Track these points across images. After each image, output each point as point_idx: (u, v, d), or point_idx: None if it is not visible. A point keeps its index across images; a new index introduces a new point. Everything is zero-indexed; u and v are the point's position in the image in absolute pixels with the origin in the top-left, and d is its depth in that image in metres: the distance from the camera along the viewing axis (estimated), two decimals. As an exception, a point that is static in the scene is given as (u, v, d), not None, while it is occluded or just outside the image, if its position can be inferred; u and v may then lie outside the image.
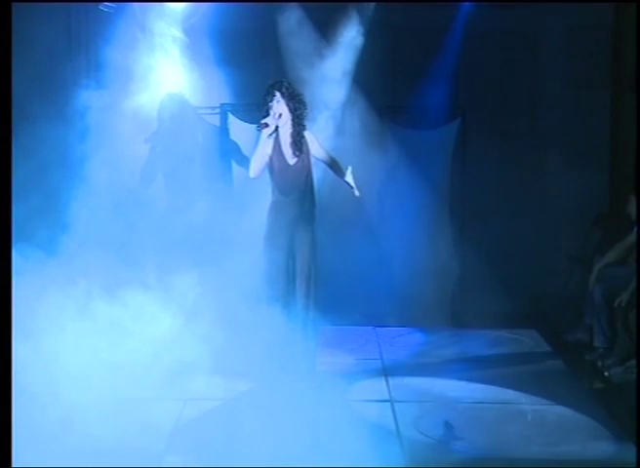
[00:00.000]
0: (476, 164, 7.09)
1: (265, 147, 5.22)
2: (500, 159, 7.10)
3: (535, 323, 6.90)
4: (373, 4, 6.84)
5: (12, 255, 3.92)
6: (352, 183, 5.21)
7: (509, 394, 5.24)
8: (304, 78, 6.56)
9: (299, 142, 5.26)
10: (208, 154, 6.75)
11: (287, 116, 5.23)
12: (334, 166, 5.36)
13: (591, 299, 5.91)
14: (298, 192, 5.27)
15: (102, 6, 6.91)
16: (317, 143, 5.37)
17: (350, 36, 6.83)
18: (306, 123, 5.38)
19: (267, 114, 5.23)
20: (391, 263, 6.96)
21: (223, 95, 6.93)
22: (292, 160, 5.27)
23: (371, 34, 6.88)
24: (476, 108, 7.06)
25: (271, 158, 5.26)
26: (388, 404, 5.11)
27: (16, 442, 3.60)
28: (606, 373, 5.53)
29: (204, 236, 6.02)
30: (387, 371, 5.69)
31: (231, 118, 7.09)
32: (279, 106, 5.22)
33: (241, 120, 7.03)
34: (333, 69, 6.80)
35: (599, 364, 5.67)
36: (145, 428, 4.45)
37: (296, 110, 5.24)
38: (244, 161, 6.23)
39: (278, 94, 5.22)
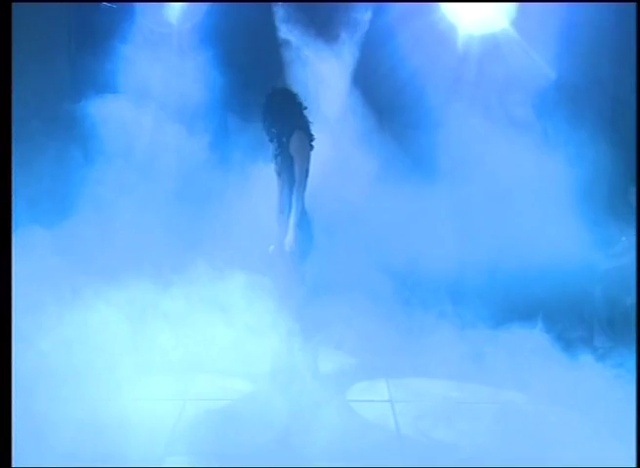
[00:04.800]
0: (476, 163, 7.07)
1: None
2: (499, 156, 7.07)
3: (535, 322, 6.88)
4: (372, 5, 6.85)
5: (11, 255, 3.92)
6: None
7: (509, 394, 5.24)
8: (304, 77, 6.57)
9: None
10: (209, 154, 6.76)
11: None
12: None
13: (591, 299, 5.92)
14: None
15: (103, 6, 6.92)
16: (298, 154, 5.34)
17: (350, 36, 6.84)
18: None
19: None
20: (391, 263, 6.94)
21: (223, 95, 6.93)
22: None
23: (370, 34, 6.88)
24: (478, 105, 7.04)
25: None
26: (388, 404, 5.11)
27: (16, 442, 3.60)
28: (606, 373, 5.52)
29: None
30: (387, 372, 5.68)
31: (231, 118, 7.10)
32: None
33: (241, 120, 7.03)
34: (332, 69, 6.81)
35: (599, 363, 5.67)
36: (145, 428, 4.45)
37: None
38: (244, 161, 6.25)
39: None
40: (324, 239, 5.66)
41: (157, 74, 6.74)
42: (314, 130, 5.40)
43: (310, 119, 5.37)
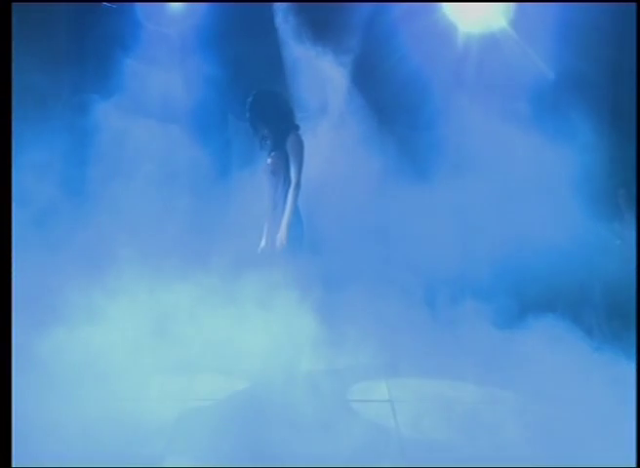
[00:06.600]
0: (480, 160, 7.06)
1: None
2: (502, 152, 7.06)
3: (535, 321, 6.87)
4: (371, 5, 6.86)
5: (11, 253, 3.93)
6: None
7: (509, 394, 5.24)
8: (304, 77, 6.58)
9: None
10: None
11: None
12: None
13: (591, 299, 5.91)
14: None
15: (103, 6, 6.93)
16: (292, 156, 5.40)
17: (351, 36, 6.84)
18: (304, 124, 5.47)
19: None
20: (397, 261, 6.94)
21: (222, 95, 6.94)
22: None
23: (371, 34, 6.89)
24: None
25: None
26: (388, 404, 5.11)
27: (15, 442, 3.61)
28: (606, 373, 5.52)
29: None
30: (387, 371, 5.68)
31: (230, 119, 7.11)
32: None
33: (240, 121, 7.03)
34: (332, 69, 6.81)
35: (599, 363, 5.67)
36: (145, 428, 4.45)
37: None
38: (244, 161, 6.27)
39: None
40: (327, 238, 5.67)
41: (158, 75, 6.75)
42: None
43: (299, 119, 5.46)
